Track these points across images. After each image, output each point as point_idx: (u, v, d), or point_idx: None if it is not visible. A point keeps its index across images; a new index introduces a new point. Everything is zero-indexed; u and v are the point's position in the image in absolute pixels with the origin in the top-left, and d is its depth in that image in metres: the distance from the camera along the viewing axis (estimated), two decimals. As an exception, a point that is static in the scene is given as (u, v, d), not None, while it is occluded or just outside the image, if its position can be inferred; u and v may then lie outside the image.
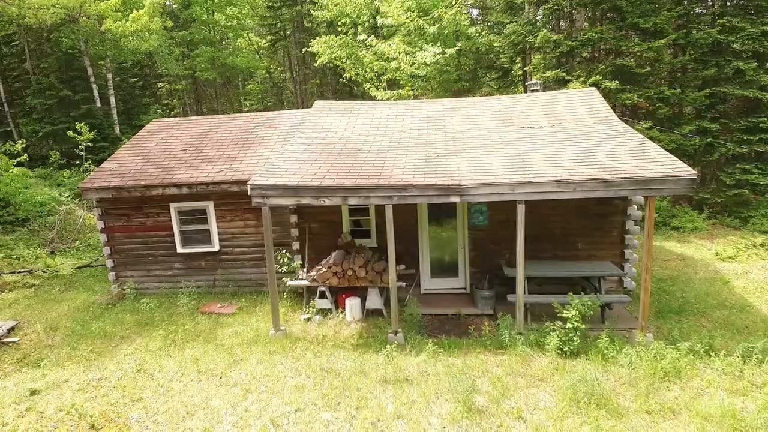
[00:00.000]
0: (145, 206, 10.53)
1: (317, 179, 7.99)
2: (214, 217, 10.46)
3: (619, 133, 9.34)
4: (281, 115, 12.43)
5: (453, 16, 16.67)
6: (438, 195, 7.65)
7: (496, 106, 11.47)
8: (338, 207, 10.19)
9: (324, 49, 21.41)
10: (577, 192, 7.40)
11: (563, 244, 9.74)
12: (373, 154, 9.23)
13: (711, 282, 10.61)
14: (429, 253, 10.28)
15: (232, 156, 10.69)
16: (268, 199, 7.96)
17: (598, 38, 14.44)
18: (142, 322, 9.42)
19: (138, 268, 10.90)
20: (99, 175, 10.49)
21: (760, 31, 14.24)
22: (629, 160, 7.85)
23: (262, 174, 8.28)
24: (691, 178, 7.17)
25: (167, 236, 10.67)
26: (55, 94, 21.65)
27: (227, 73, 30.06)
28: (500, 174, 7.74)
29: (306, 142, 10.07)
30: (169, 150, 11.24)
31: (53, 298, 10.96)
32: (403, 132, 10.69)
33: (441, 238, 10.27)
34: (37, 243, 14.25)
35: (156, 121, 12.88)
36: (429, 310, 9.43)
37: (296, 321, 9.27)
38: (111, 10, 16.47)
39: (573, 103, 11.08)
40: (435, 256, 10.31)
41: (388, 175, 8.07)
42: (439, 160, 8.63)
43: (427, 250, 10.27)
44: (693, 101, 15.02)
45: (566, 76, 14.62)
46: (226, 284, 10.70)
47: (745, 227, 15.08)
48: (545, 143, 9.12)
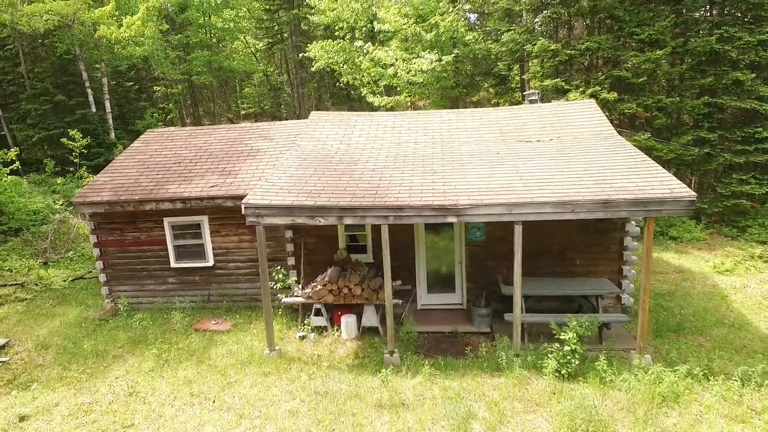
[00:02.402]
0: (138, 220, 10.41)
1: (312, 198, 7.88)
2: (208, 231, 10.34)
3: (618, 148, 9.25)
4: (276, 126, 12.31)
5: (450, 23, 16.56)
6: (435, 215, 7.55)
7: (493, 118, 11.38)
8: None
9: (321, 54, 21.29)
10: (576, 213, 7.31)
11: (561, 260, 9.65)
12: (369, 170, 9.12)
13: (709, 297, 10.54)
14: (426, 268, 10.18)
15: (226, 169, 10.57)
16: (262, 218, 7.85)
17: (596, 48, 14.36)
18: (135, 339, 9.30)
19: (131, 282, 10.77)
20: (92, 189, 10.35)
21: (757, 41, 14.18)
22: (628, 179, 7.76)
23: (256, 192, 8.16)
24: (690, 200, 7.08)
25: (161, 251, 10.54)
26: (49, 99, 21.47)
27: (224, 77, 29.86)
28: (498, 194, 7.64)
29: (301, 156, 9.96)
30: (163, 162, 11.11)
31: (45, 312, 10.83)
32: (400, 145, 10.58)
33: (438, 254, 10.17)
34: (30, 253, 14.09)
35: (150, 132, 12.74)
36: (425, 328, 9.34)
37: (291, 339, 9.17)
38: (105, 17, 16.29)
39: (572, 116, 10.99)
40: (432, 271, 10.21)
41: (384, 193, 7.97)
42: (435, 177, 8.53)
43: (423, 266, 10.17)
44: (691, 110, 14.95)
45: (565, 85, 14.54)
46: (221, 299, 10.58)
47: (742, 237, 15.04)
48: (543, 159, 9.03)
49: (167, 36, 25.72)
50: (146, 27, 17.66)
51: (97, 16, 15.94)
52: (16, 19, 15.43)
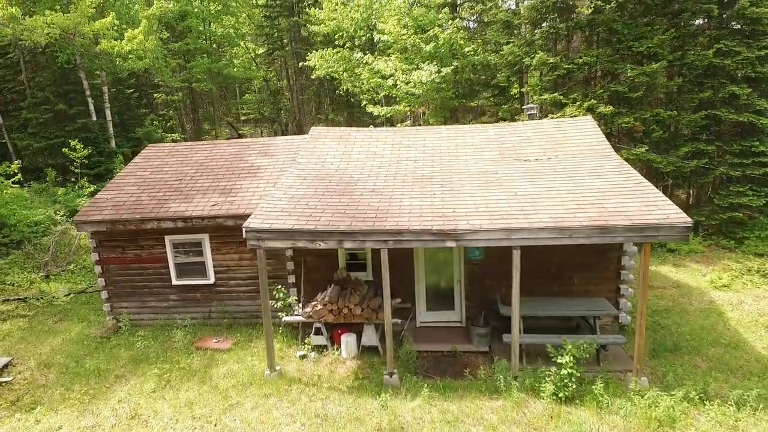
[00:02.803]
0: (140, 238, 10.49)
1: (312, 221, 7.97)
2: (209, 249, 10.42)
3: (615, 169, 9.35)
4: (277, 142, 12.39)
5: (449, 36, 16.65)
6: (434, 240, 7.64)
7: (492, 135, 11.47)
8: (334, 240, 10.16)
9: (321, 63, 21.37)
10: (573, 239, 7.40)
11: (559, 279, 9.73)
12: (369, 190, 9.21)
13: (706, 314, 10.63)
14: (425, 286, 10.26)
15: (227, 187, 10.65)
16: (263, 241, 7.93)
17: (594, 62, 14.45)
18: (137, 358, 9.38)
19: (133, 299, 10.85)
20: (93, 207, 10.44)
21: (755, 56, 14.28)
22: (625, 203, 7.85)
23: (257, 215, 8.25)
24: (686, 226, 7.17)
25: (162, 268, 10.63)
26: (50, 108, 21.55)
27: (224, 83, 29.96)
28: (496, 218, 7.73)
29: (302, 176, 10.04)
30: (165, 180, 11.19)
31: (47, 329, 10.91)
32: (399, 163, 10.67)
33: (437, 272, 10.25)
34: (32, 267, 14.17)
35: (151, 147, 12.82)
36: (424, 347, 9.42)
37: (292, 358, 9.25)
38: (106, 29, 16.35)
39: (570, 133, 11.08)
40: (431, 289, 10.29)
41: (383, 216, 8.06)
42: (434, 200, 8.61)
43: (423, 284, 10.25)
44: (689, 123, 15.05)
45: (563, 99, 14.63)
46: (222, 316, 10.66)
47: (740, 249, 15.13)
48: (541, 180, 9.12)
49: (167, 44, 25.81)
50: (148, 40, 17.72)
51: (97, 28, 16.01)
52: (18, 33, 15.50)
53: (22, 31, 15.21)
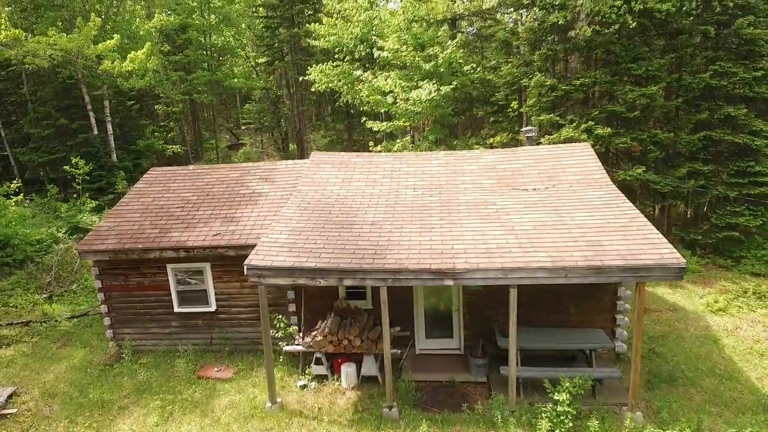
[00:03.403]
0: (142, 266, 10.61)
1: (313, 258, 8.10)
2: (210, 278, 10.55)
3: (611, 201, 9.47)
4: (277, 167, 12.51)
5: (448, 55, 16.77)
6: (432, 278, 7.77)
7: (490, 162, 11.58)
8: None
9: (321, 78, 21.48)
10: (569, 278, 7.53)
11: (556, 308, 9.86)
12: (369, 223, 9.34)
13: (702, 341, 10.76)
14: (424, 314, 10.39)
15: (228, 215, 10.78)
16: (264, 278, 8.06)
17: (591, 83, 14.58)
18: (140, 388, 9.51)
19: (135, 325, 10.98)
20: (96, 236, 10.56)
21: (751, 76, 14.40)
22: (621, 241, 7.98)
23: (258, 251, 8.37)
24: (680, 267, 7.30)
25: (164, 295, 10.75)
26: (51, 123, 21.65)
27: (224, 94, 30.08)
28: (494, 256, 7.87)
29: (302, 205, 10.16)
30: (167, 207, 11.32)
31: (51, 355, 11.03)
32: (399, 191, 10.79)
33: (436, 301, 10.37)
34: (35, 287, 14.29)
35: (153, 171, 12.94)
36: (423, 376, 9.55)
37: (292, 387, 9.38)
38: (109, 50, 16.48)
39: (567, 161, 11.19)
40: (430, 317, 10.41)
41: (383, 253, 8.19)
42: (433, 235, 8.74)
43: (422, 312, 10.37)
44: (686, 144, 15.18)
45: (560, 120, 14.75)
46: (224, 343, 10.79)
47: (736, 267, 15.26)
48: (539, 213, 9.25)
49: (168, 56, 25.93)
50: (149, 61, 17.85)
51: (100, 50, 16.13)
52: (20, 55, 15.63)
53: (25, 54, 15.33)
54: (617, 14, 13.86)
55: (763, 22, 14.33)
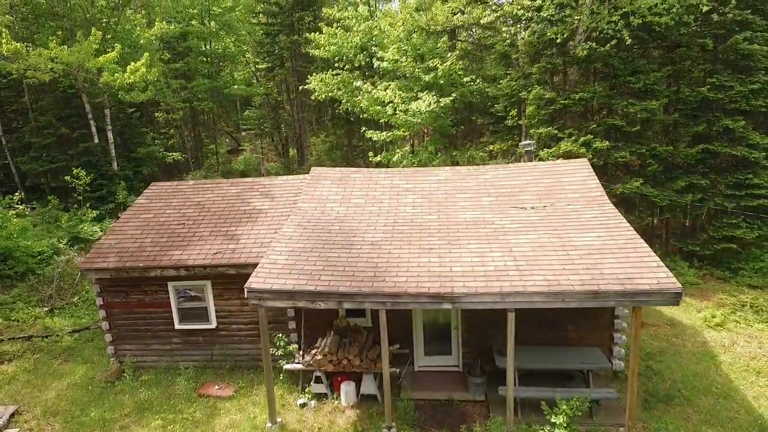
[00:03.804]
0: (143, 284, 10.69)
1: (312, 281, 8.17)
2: (211, 295, 10.63)
3: (608, 222, 9.54)
4: (277, 182, 12.58)
5: (448, 67, 16.85)
6: (431, 302, 7.85)
7: (489, 178, 11.66)
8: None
9: (321, 87, 21.56)
10: (566, 303, 7.61)
11: (554, 326, 9.93)
12: (368, 243, 9.41)
13: (699, 358, 10.83)
14: (423, 331, 10.46)
15: (229, 233, 10.86)
16: (264, 301, 8.15)
17: (590, 97, 14.66)
18: (141, 406, 9.58)
19: (136, 342, 11.06)
20: (97, 254, 10.64)
21: (748, 90, 14.47)
22: (618, 264, 8.05)
23: (258, 273, 8.45)
24: (676, 292, 7.38)
25: (165, 313, 10.83)
26: (52, 132, 21.73)
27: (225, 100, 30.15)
28: (492, 279, 7.95)
29: (302, 224, 10.24)
30: (167, 223, 11.39)
31: (52, 371, 11.11)
32: (398, 209, 10.86)
33: (435, 318, 10.45)
34: (36, 300, 14.37)
35: (154, 185, 13.02)
36: (422, 395, 9.63)
37: (292, 406, 9.46)
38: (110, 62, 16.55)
39: (565, 178, 11.27)
40: (429, 334, 10.48)
41: (382, 275, 8.27)
42: (432, 256, 8.82)
43: (420, 329, 10.44)
44: (685, 157, 15.25)
45: (559, 133, 14.84)
46: (224, 359, 10.87)
47: (734, 279, 15.33)
48: (537, 233, 9.32)
49: (168, 64, 26.01)
50: (150, 72, 17.93)
51: (101, 62, 16.20)
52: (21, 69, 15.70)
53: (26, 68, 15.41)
54: (614, 29, 13.94)
55: (760, 37, 14.39)
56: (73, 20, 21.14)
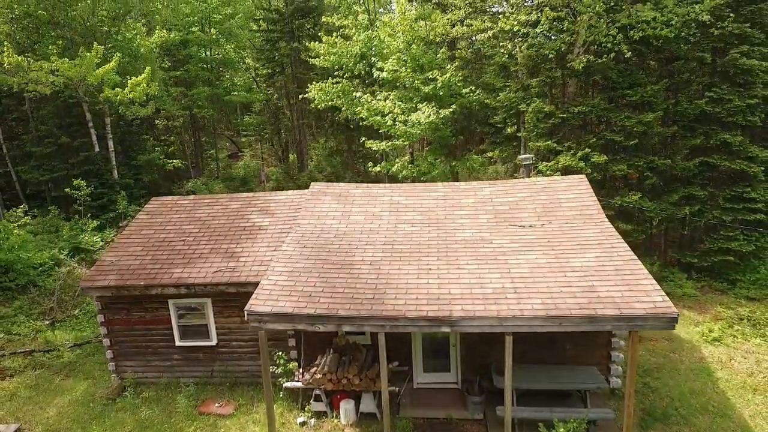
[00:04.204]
0: (144, 301, 10.76)
1: (312, 304, 8.25)
2: (211, 312, 10.70)
3: (606, 241, 9.61)
4: (277, 198, 12.64)
5: (447, 79, 16.93)
6: (429, 326, 7.93)
7: (487, 195, 11.72)
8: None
9: (320, 96, 21.61)
10: (563, 327, 7.68)
11: (552, 345, 9.98)
12: (367, 264, 9.48)
13: (696, 374, 10.90)
14: (422, 349, 10.54)
15: (229, 251, 10.93)
16: (264, 324, 8.22)
17: (588, 111, 14.73)
18: (142, 424, 9.66)
19: (138, 358, 11.13)
20: (98, 271, 10.71)
21: (745, 104, 14.54)
22: (614, 287, 8.12)
23: (258, 295, 8.53)
24: (672, 317, 7.46)
25: (166, 329, 10.90)
26: (53, 141, 21.82)
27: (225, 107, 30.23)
28: (490, 302, 8.02)
29: (302, 243, 10.31)
30: (168, 240, 11.47)
31: (54, 387, 11.18)
32: (397, 227, 10.92)
33: (434, 335, 10.51)
34: (38, 313, 14.45)
35: (155, 200, 13.09)
36: (421, 412, 9.71)
37: (292, 424, 9.54)
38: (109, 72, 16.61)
39: (563, 195, 11.32)
40: (428, 351, 10.56)
41: (380, 298, 8.34)
42: (431, 277, 8.89)
43: (420, 346, 10.52)
44: (683, 170, 15.32)
45: (557, 146, 14.91)
46: (225, 376, 10.94)
47: (732, 291, 15.41)
48: (535, 253, 9.40)
49: (169, 72, 26.09)
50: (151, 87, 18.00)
51: (101, 74, 16.28)
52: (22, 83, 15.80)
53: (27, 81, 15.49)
54: (612, 43, 14.02)
55: (757, 51, 14.46)
56: (74, 29, 21.21)
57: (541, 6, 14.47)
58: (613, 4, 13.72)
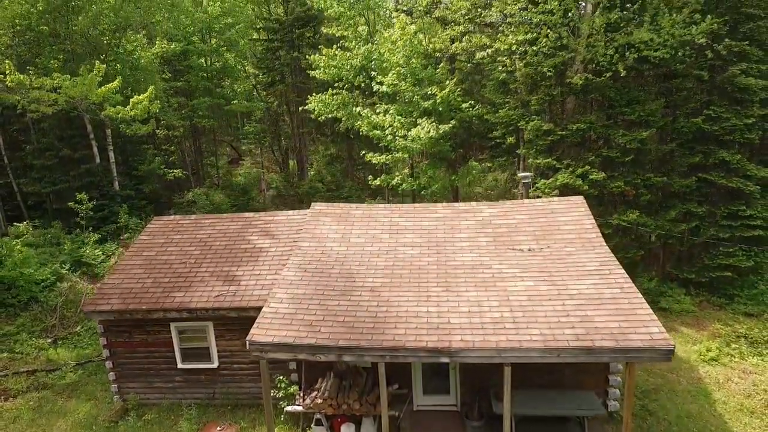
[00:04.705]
0: (146, 324, 10.85)
1: (313, 334, 8.36)
2: (213, 336, 10.80)
3: (603, 267, 9.71)
4: (278, 219, 12.72)
5: (446, 94, 17.02)
6: (429, 356, 8.04)
7: (487, 216, 11.82)
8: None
9: (321, 108, 21.70)
10: (561, 358, 7.78)
11: (550, 370, 10.05)
12: (368, 289, 9.59)
13: (693, 396, 11.00)
14: (421, 371, 10.63)
15: (230, 274, 11.03)
16: (266, 353, 8.32)
17: (587, 128, 14.83)
18: (145, 449, 9.76)
19: (140, 380, 11.23)
20: (101, 295, 10.82)
21: (743, 123, 14.63)
22: (612, 316, 8.23)
23: (260, 324, 8.63)
24: (668, 350, 7.55)
25: (168, 352, 11.00)
26: (54, 153, 21.91)
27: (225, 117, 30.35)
28: (489, 333, 8.13)
29: (302, 267, 10.41)
30: (169, 262, 11.57)
31: (57, 409, 11.28)
32: (397, 249, 11.03)
33: (433, 358, 10.61)
34: (40, 330, 14.54)
35: (156, 220, 13.18)
36: (420, 437, 9.82)
37: (293, 449, 9.63)
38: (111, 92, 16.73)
39: (562, 218, 11.42)
40: (427, 374, 10.65)
41: (381, 327, 8.45)
42: (430, 305, 9.00)
43: (419, 369, 10.60)
44: (680, 187, 15.41)
45: (556, 164, 15.01)
46: (226, 397, 11.04)
47: (730, 306, 15.50)
48: (534, 279, 9.50)
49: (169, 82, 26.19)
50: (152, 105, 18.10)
51: (103, 92, 16.39)
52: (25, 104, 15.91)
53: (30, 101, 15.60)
54: (609, 62, 14.12)
55: (755, 69, 14.55)
56: (75, 42, 21.30)
57: (539, 25, 14.57)
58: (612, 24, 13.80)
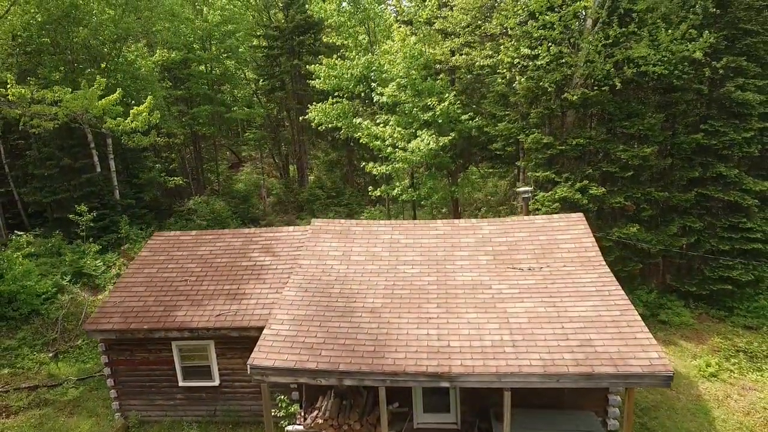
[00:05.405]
0: (147, 343, 10.90)
1: (313, 358, 8.42)
2: (214, 354, 10.85)
3: (603, 288, 9.75)
4: (279, 236, 12.76)
5: (446, 107, 17.07)
6: (429, 381, 8.09)
7: (486, 234, 11.84)
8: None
9: (321, 118, 21.76)
10: (560, 383, 7.84)
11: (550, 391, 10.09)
12: (368, 310, 9.65)
13: (693, 414, 11.05)
14: (422, 390, 10.67)
15: (231, 292, 11.08)
16: (267, 377, 8.38)
17: (586, 143, 14.88)
18: (146, 469, 9.81)
19: (141, 398, 11.28)
20: (103, 314, 10.86)
21: (741, 138, 14.69)
22: (611, 341, 8.28)
23: (261, 347, 8.69)
24: (667, 375, 7.61)
25: (169, 370, 11.05)
26: (55, 163, 21.95)
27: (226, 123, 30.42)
28: (488, 358, 8.19)
29: (303, 286, 10.46)
30: (170, 280, 11.61)
31: (58, 427, 11.32)
32: (398, 268, 11.07)
33: (433, 377, 10.66)
34: (41, 344, 14.58)
35: (158, 236, 13.23)
36: (421, 457, 9.87)
37: (294, 469, 9.67)
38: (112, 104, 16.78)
39: (561, 236, 11.45)
40: (427, 392, 10.68)
41: (381, 349, 8.51)
42: (430, 327, 9.06)
43: (420, 388, 10.65)
44: (680, 201, 15.46)
45: (556, 177, 15.06)
46: (227, 415, 11.09)
47: (729, 319, 15.55)
48: (533, 301, 9.56)
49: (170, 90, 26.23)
50: (153, 116, 18.15)
51: (103, 104, 16.45)
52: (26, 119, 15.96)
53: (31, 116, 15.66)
54: (605, 77, 14.19)
55: (752, 84, 14.60)
56: (75, 52, 21.35)
57: (540, 39, 14.61)
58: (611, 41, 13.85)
